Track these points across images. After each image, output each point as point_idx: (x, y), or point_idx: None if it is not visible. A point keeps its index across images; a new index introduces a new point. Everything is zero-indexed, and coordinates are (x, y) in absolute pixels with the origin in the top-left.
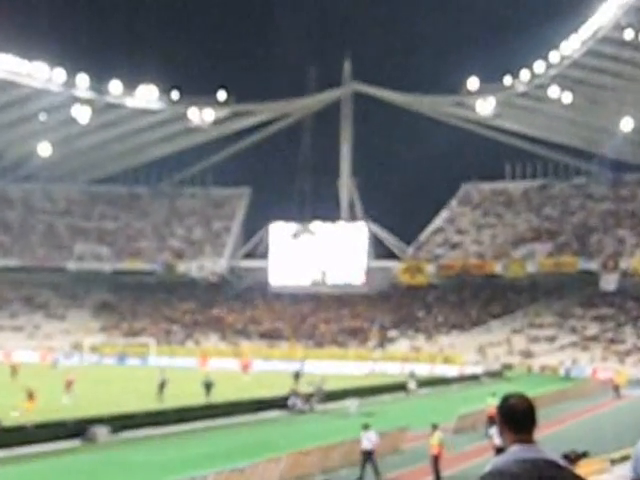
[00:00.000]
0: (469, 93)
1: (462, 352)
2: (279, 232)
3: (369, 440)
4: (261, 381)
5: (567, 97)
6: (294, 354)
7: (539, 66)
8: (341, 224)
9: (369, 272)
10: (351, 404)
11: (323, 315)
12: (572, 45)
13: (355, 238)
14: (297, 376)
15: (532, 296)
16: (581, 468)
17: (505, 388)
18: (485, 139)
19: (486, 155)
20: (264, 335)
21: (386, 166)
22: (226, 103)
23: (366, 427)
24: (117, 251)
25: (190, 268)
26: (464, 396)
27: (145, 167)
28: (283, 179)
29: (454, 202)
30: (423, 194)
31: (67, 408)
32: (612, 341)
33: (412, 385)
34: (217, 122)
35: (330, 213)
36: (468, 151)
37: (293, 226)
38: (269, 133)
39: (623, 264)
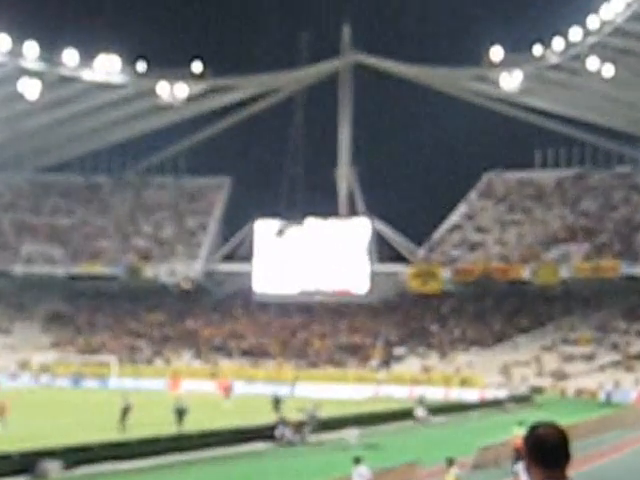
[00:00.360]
0: (492, 65)
1: (483, 373)
2: (265, 231)
3: (361, 477)
4: (243, 407)
5: (608, 70)
6: (282, 375)
7: (575, 33)
8: (339, 221)
9: (372, 278)
10: (350, 434)
11: (317, 329)
12: (614, 8)
13: (356, 238)
14: (277, 402)
15: (566, 306)
16: None
17: (534, 416)
18: (511, 120)
19: (512, 139)
20: (247, 352)
21: (392, 152)
22: (202, 76)
23: (357, 461)
24: (72, 252)
25: (159, 272)
26: (485, 425)
27: (106, 152)
28: (270, 167)
29: (474, 194)
30: (437, 185)
31: (5, 439)
32: None
33: (421, 412)
34: (191, 99)
35: (326, 208)
36: (490, 134)
37: (281, 224)
38: (253, 112)
39: None
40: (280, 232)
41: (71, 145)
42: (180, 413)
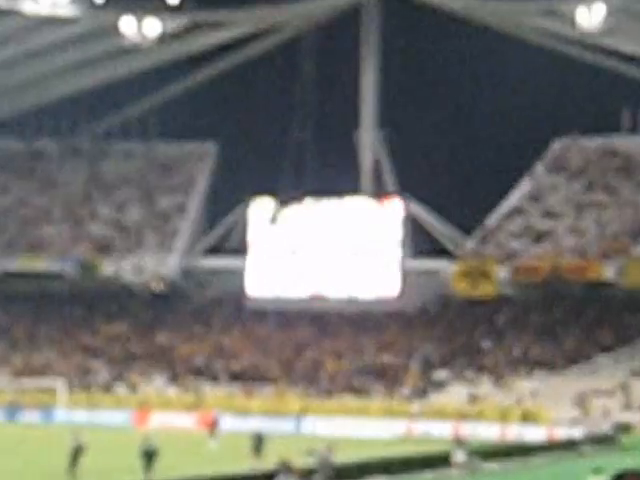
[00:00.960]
0: None
1: (551, 405)
2: (263, 215)
3: None
4: (233, 448)
5: None
6: (285, 406)
7: None
8: (361, 202)
9: (405, 278)
10: None
11: (331, 345)
12: None
13: (383, 224)
14: (259, 443)
15: None
16: None
17: (618, 462)
18: (590, 68)
19: (591, 94)
20: (238, 376)
21: (432, 111)
22: (180, 9)
23: None
24: (6, 242)
25: (122, 269)
26: (554, 473)
27: (52, 110)
28: (270, 130)
29: (540, 168)
30: (491, 156)
31: None
32: None
33: (460, 457)
34: (165, 39)
35: (344, 185)
36: (563, 88)
37: (274, 206)
38: (248, 57)
39: None
40: (273, 218)
41: (6, 100)
42: (149, 456)
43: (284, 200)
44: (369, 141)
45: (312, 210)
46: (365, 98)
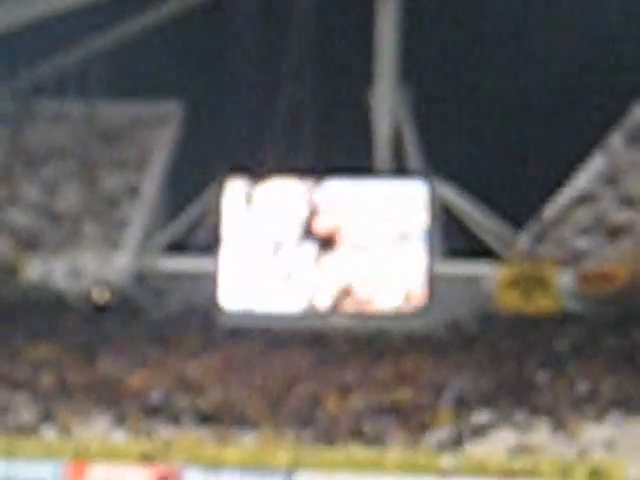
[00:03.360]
0: None
1: (629, 458)
2: (241, 199)
3: None
4: None
5: None
6: (271, 458)
7: None
8: (375, 183)
9: (433, 286)
10: None
11: (334, 376)
12: None
13: (404, 214)
14: None
15: None
16: None
17: None
18: None
19: None
20: (209, 417)
21: (470, 64)
22: None
23: None
24: None
25: (52, 273)
26: None
27: None
28: (253, 87)
29: (617, 140)
30: (549, 125)
31: None
32: None
33: None
34: None
35: (353, 160)
36: None
37: (274, 184)
38: None
39: None
40: (248, 195)
41: None
42: None
43: (269, 180)
44: (386, 103)
45: (309, 195)
46: (382, 45)
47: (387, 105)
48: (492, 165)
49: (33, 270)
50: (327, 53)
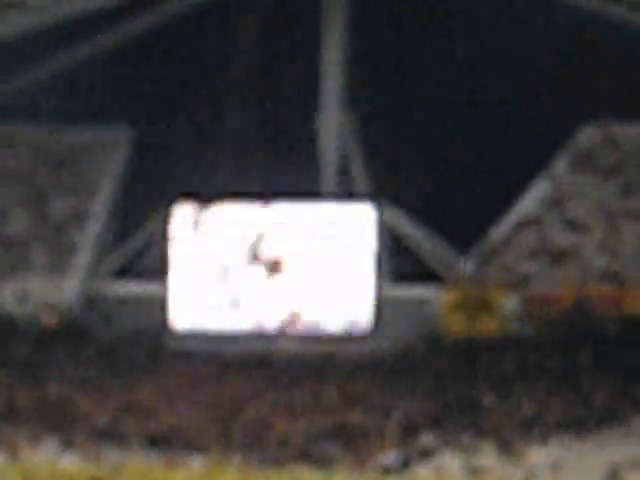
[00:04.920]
0: None
1: (574, 479)
2: (189, 223)
3: None
4: None
5: None
6: None
7: None
8: (321, 207)
9: (380, 309)
10: None
11: (282, 399)
12: None
13: (350, 238)
14: None
15: None
16: None
17: None
18: (629, 32)
19: (631, 68)
20: (157, 441)
21: (417, 89)
22: None
23: None
24: None
25: (1, 297)
26: None
27: None
28: (201, 112)
29: (562, 164)
30: (495, 149)
31: None
32: None
33: None
34: None
35: (299, 184)
36: (593, 58)
37: (221, 209)
38: (174, 14)
39: None
40: (196, 222)
41: None
42: None
43: (217, 205)
44: (333, 127)
45: (257, 218)
46: (328, 70)
47: (333, 129)
48: (437, 189)
49: None
50: (274, 79)
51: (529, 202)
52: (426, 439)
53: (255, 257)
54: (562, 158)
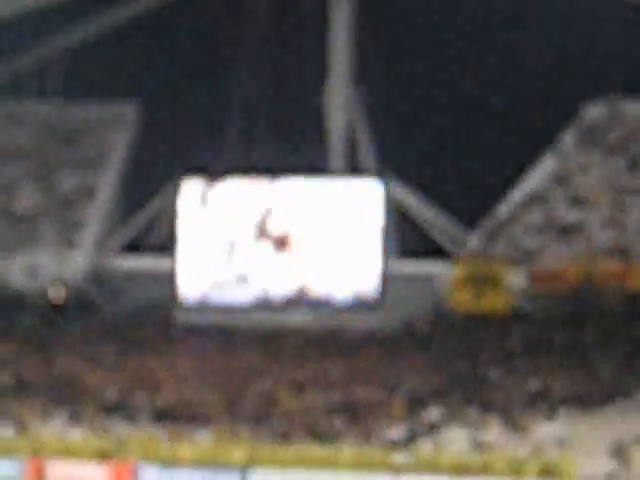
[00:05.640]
0: None
1: (580, 455)
2: (197, 198)
3: None
4: None
5: None
6: (227, 456)
7: None
8: (328, 182)
9: (387, 285)
10: None
11: (289, 374)
12: None
13: (357, 214)
14: None
15: None
16: None
17: None
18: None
19: (638, 44)
20: (164, 414)
21: (425, 64)
22: None
23: None
24: None
25: (9, 272)
26: None
27: None
28: (208, 87)
29: (568, 140)
30: (502, 125)
31: None
32: None
33: None
34: None
35: (306, 159)
36: (599, 34)
37: (229, 184)
38: None
39: None
40: (203, 196)
41: None
42: None
43: (224, 181)
44: (340, 103)
45: (264, 194)
46: (336, 46)
47: (341, 104)
48: (444, 165)
49: None
50: (281, 53)
51: (536, 178)
52: (432, 414)
53: (263, 232)
54: (569, 134)
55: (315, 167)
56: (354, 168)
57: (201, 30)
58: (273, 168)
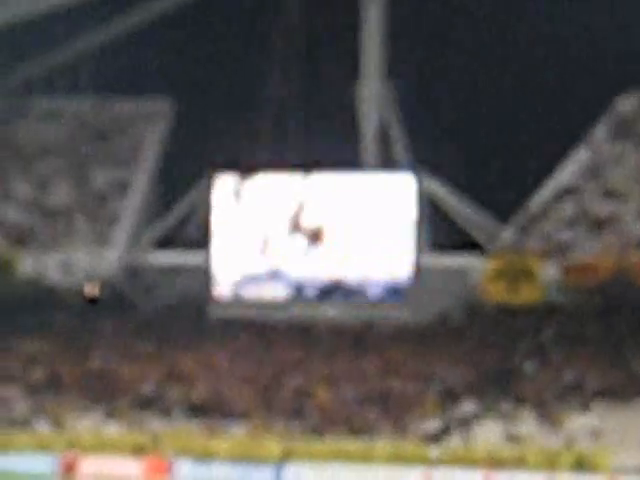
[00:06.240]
0: None
1: (614, 447)
2: (230, 193)
3: None
4: None
5: None
6: (261, 450)
7: None
8: (361, 177)
9: (420, 278)
10: None
11: (323, 368)
12: None
13: (390, 208)
14: None
15: None
16: None
17: None
18: None
19: None
20: (199, 409)
21: (457, 58)
22: None
23: None
24: None
25: (44, 268)
26: None
27: None
28: (241, 83)
29: (601, 133)
30: (534, 118)
31: None
32: None
33: None
34: None
35: (339, 155)
36: (633, 26)
37: (262, 179)
38: None
39: None
40: (237, 194)
41: None
42: None
43: (258, 175)
44: (373, 97)
45: (297, 188)
46: (368, 40)
47: (374, 99)
48: (477, 159)
49: (25, 266)
50: (314, 49)
51: (568, 171)
52: (466, 407)
53: (296, 226)
54: (601, 127)
55: (348, 161)
56: (387, 161)
57: (233, 26)
58: (306, 162)
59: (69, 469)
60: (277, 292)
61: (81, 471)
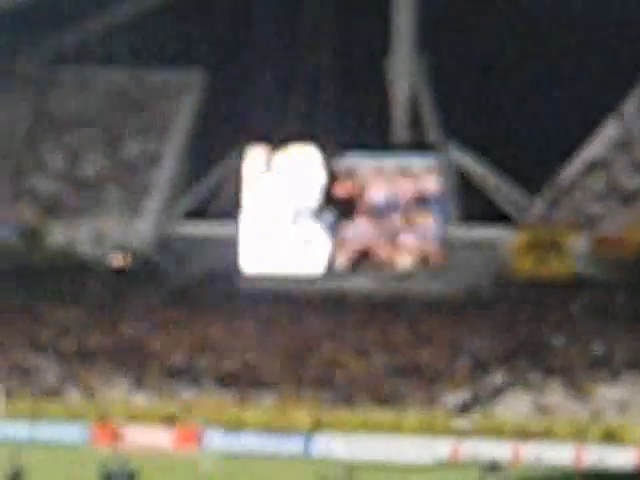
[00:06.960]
0: None
1: None
2: (261, 166)
3: None
4: (228, 474)
5: None
6: (291, 420)
7: None
8: (392, 151)
9: (451, 250)
10: None
11: (352, 339)
12: None
13: (421, 180)
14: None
15: None
16: None
17: None
18: None
19: None
20: (229, 379)
21: (488, 32)
22: None
23: None
24: None
25: (75, 238)
26: None
27: None
28: (272, 56)
29: (631, 106)
30: (565, 91)
31: None
32: None
33: None
34: None
35: (369, 128)
36: None
37: (293, 151)
38: None
39: None
40: (268, 163)
41: None
42: None
43: (289, 148)
44: (404, 71)
45: (327, 161)
46: (399, 15)
47: (404, 73)
48: (508, 132)
49: (56, 236)
50: (345, 23)
51: (598, 144)
52: (495, 378)
53: (326, 198)
54: (631, 101)
55: (379, 134)
56: (417, 135)
57: (267, 1)
58: (337, 135)
59: (99, 438)
60: (307, 264)
61: (113, 440)
